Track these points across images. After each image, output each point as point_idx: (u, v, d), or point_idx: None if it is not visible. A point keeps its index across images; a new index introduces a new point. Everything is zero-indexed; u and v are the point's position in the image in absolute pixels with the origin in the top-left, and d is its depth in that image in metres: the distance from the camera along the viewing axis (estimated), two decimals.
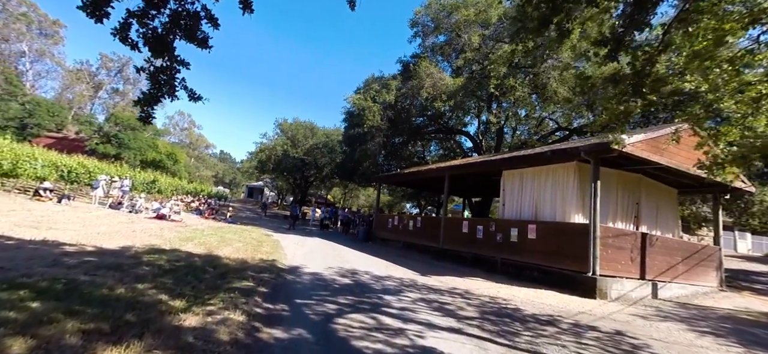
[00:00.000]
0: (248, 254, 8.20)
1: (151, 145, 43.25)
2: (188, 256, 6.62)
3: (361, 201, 48.86)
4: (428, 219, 15.42)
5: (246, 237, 11.98)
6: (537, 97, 22.57)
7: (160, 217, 13.54)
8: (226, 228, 14.29)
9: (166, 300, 3.73)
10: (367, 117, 16.54)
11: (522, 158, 10.92)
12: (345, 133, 21.48)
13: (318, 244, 13.83)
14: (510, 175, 11.57)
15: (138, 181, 20.29)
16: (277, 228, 20.15)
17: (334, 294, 5.63)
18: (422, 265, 11.37)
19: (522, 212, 10.98)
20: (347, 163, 25.75)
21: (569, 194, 9.52)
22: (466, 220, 12.57)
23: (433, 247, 14.00)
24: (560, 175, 9.88)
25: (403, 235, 16.19)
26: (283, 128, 30.56)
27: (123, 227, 9.46)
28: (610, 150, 8.07)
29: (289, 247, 11.67)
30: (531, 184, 10.78)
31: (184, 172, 46.65)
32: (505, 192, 11.66)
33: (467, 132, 22.60)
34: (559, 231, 9.31)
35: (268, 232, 16.41)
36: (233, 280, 5.22)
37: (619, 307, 7.51)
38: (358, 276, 7.76)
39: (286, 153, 28.46)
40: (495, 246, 11.18)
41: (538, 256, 9.70)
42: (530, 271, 9.87)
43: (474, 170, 12.96)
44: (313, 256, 10.02)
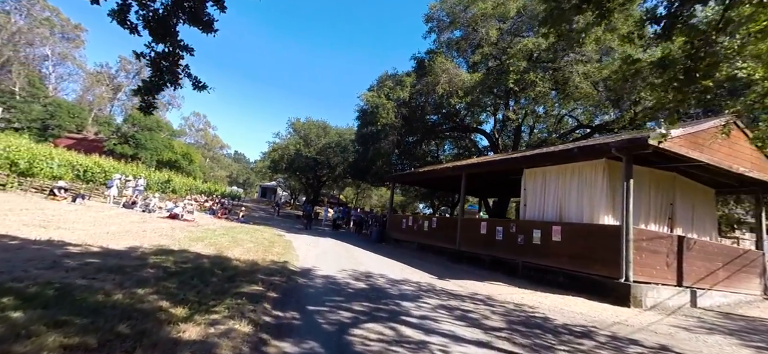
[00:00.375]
0: (259, 255, 7.88)
1: (167, 145, 43.90)
2: (197, 258, 6.34)
3: (374, 201, 48.54)
4: (444, 219, 14.93)
5: (258, 237, 11.72)
6: (556, 94, 21.88)
7: (172, 216, 13.44)
8: (239, 228, 14.09)
9: (166, 307, 3.39)
10: (380, 115, 16.14)
11: (545, 156, 10.33)
12: (358, 132, 21.13)
13: (331, 245, 13.50)
14: (532, 174, 10.99)
15: (152, 181, 20.40)
16: (290, 228, 19.94)
17: (349, 300, 5.24)
18: (439, 267, 10.89)
19: (545, 213, 10.39)
20: (360, 163, 25.41)
21: (598, 194, 8.91)
22: (484, 221, 12.05)
23: (449, 249, 13.50)
24: (587, 173, 9.27)
25: (418, 236, 15.72)
26: (296, 127, 30.44)
27: (134, 227, 9.30)
28: (645, 146, 7.46)
29: (302, 248, 11.35)
30: (555, 183, 10.19)
31: (198, 172, 47.20)
32: (527, 191, 11.09)
33: (483, 130, 21.96)
34: (587, 233, 8.71)
35: (281, 232, 16.18)
36: (242, 284, 4.88)
37: (657, 317, 6.89)
38: (373, 279, 7.35)
39: (298, 152, 28.31)
40: (516, 248, 10.63)
41: (564, 259, 9.12)
42: (554, 276, 9.29)
43: (493, 169, 12.41)
44: (325, 258, 9.67)
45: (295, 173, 31.63)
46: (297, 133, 30.28)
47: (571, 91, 16.23)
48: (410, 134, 20.58)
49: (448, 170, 14.37)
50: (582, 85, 15.46)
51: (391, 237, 18.04)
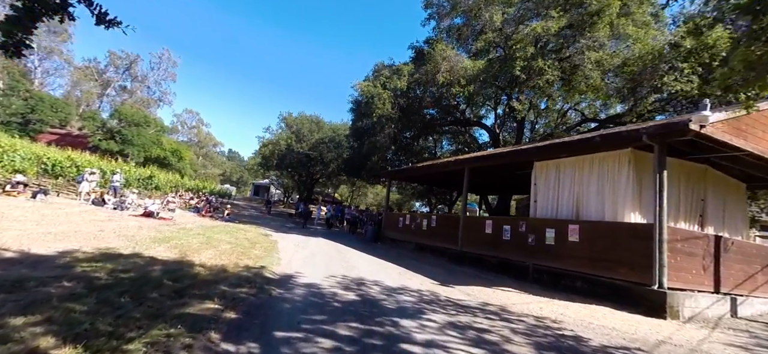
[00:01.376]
0: (232, 259, 6.72)
1: (156, 141, 42.39)
2: (147, 265, 5.15)
3: (370, 199, 47.37)
4: (445, 218, 13.82)
5: (239, 237, 10.54)
6: (560, 86, 20.85)
7: (147, 214, 12.22)
8: (221, 227, 12.89)
9: (43, 349, 2.22)
10: (376, 105, 14.97)
11: (560, 146, 9.23)
12: (352, 126, 19.95)
13: (321, 246, 12.34)
14: (543, 167, 9.90)
15: (132, 177, 19.11)
16: (280, 227, 18.74)
17: (334, 319, 4.10)
18: (440, 271, 9.78)
19: (559, 210, 9.31)
20: (355, 159, 24.23)
21: (622, 188, 7.83)
22: (489, 220, 10.96)
23: (450, 250, 12.40)
24: (610, 165, 8.19)
25: (416, 236, 14.61)
26: (288, 122, 29.07)
27: (90, 226, 8.09)
28: (684, 131, 6.39)
29: (287, 249, 10.19)
30: (571, 177, 9.10)
31: (189, 170, 45.72)
32: (538, 187, 10.00)
33: (484, 124, 20.90)
34: (611, 233, 7.64)
35: (268, 231, 14.99)
36: (191, 302, 3.72)
37: (702, 332, 5.83)
38: (366, 288, 6.21)
39: (290, 147, 26.95)
40: (526, 249, 9.55)
41: (582, 262, 8.05)
42: (571, 281, 8.22)
43: (499, 162, 11.32)
44: (313, 261, 8.51)
45: (286, 170, 30.27)
46: (289, 128, 28.93)
47: (580, 81, 15.19)
48: (407, 128, 19.44)
49: (450, 165, 13.26)
50: (592, 74, 14.40)
51: (387, 236, 16.91)
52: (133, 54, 65.62)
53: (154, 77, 70.59)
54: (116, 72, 67.12)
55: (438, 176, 15.87)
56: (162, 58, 69.29)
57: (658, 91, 10.70)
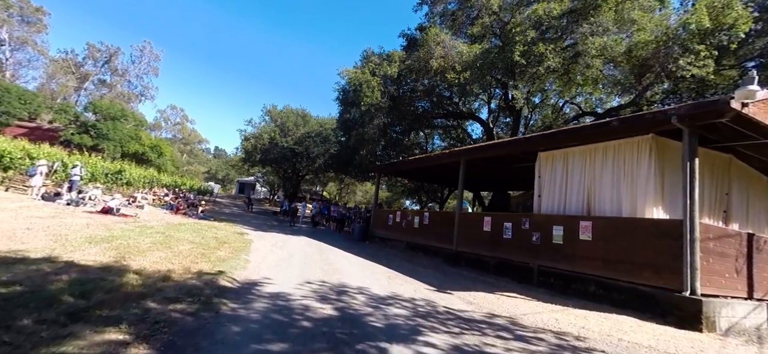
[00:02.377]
0: (185, 263, 5.51)
1: (134, 136, 40.42)
2: (55, 273, 3.93)
3: (358, 197, 46.15)
4: (438, 215, 12.78)
5: (206, 236, 9.29)
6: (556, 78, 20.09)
7: (105, 210, 10.84)
8: (190, 225, 11.59)
9: None
10: (364, 93, 13.79)
11: (569, 133, 8.24)
12: (340, 118, 18.75)
13: (302, 246, 11.16)
14: (549, 158, 8.92)
15: (99, 172, 17.55)
16: (261, 225, 17.46)
17: (297, 349, 2.96)
18: (435, 274, 8.71)
19: (567, 205, 8.34)
20: (342, 153, 23.03)
21: (642, 180, 6.87)
22: (488, 217, 9.95)
23: (444, 250, 11.36)
24: (627, 153, 7.23)
25: (407, 234, 13.54)
26: (272, 115, 27.50)
27: (18, 223, 6.75)
28: (723, 111, 5.43)
29: (262, 249, 8.99)
30: (581, 168, 8.13)
31: (170, 166, 43.79)
32: (543, 180, 9.02)
33: (479, 117, 19.92)
34: (630, 230, 6.67)
35: (246, 229, 13.72)
36: (81, 331, 2.55)
37: (752, 349, 4.88)
38: (348, 298, 5.08)
39: (273, 141, 25.44)
40: (530, 249, 8.56)
41: (596, 264, 7.08)
42: (584, 285, 7.25)
43: (498, 153, 10.31)
44: (289, 264, 7.34)
45: (270, 165, 28.78)
46: (273, 121, 27.42)
47: (580, 71, 14.34)
48: (398, 122, 18.32)
49: (444, 157, 12.20)
50: (594, 62, 13.53)
51: (375, 235, 15.80)
52: (114, 46, 62.98)
53: (135, 71, 68.00)
54: (95, 65, 64.37)
55: (431, 170, 14.82)
56: (144, 52, 66.72)
57: (670, 76, 9.84)
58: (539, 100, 22.55)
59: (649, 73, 10.69)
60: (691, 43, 9.12)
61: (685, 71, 9.11)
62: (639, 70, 11.01)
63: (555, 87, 19.63)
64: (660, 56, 9.75)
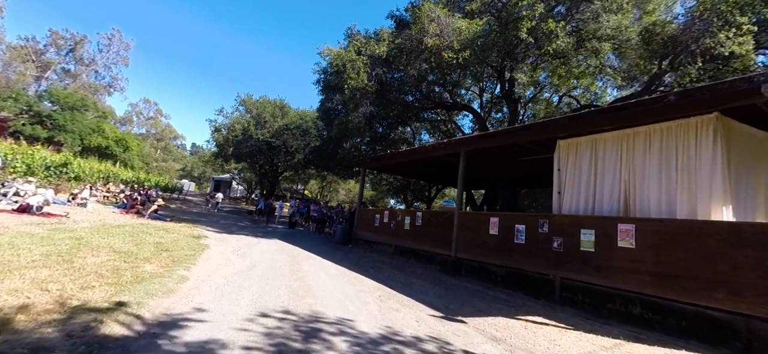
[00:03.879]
0: (71, 289, 3.60)
1: (96, 128, 37.17)
2: None
3: (341, 196, 44.12)
4: (434, 215, 11.10)
5: (144, 242, 7.29)
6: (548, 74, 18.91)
7: (22, 209, 8.66)
8: (132, 227, 9.50)
9: None
10: (349, 75, 11.92)
11: (604, 113, 6.65)
12: (320, 106, 16.82)
13: (272, 252, 9.26)
14: (572, 147, 7.37)
15: (37, 164, 15.04)
16: (230, 226, 15.39)
17: None
18: (435, 288, 7.01)
19: (597, 203, 6.80)
20: (324, 148, 21.11)
21: (704, 172, 5.36)
22: (495, 217, 8.35)
23: (441, 256, 9.71)
24: (680, 138, 5.73)
25: (396, 237, 11.82)
26: (247, 104, 25.03)
27: None
28: None
29: (216, 259, 7.07)
30: (615, 158, 6.60)
31: (137, 162, 40.62)
32: (564, 174, 7.47)
33: (473, 108, 18.38)
34: (695, 237, 5.15)
35: (208, 231, 11.69)
36: None
37: None
38: (322, 345, 3.29)
39: (247, 133, 23.06)
40: (549, 258, 7.00)
41: (643, 279, 5.55)
42: (625, 305, 5.71)
43: (504, 143, 8.71)
44: (244, 282, 5.47)
45: (245, 160, 26.39)
46: (248, 112, 25.00)
47: (588, 55, 13.01)
48: (385, 112, 16.53)
49: (441, 149, 10.52)
50: (604, 45, 12.19)
51: (360, 238, 14.02)
52: (80, 34, 58.65)
53: (103, 61, 63.62)
54: (58, 53, 59.85)
55: (423, 165, 13.16)
56: (112, 40, 62.50)
57: (705, 54, 8.49)
58: (531, 95, 21.31)
59: (676, 53, 9.33)
60: (732, 14, 7.83)
61: (723, 48, 7.80)
62: (662, 51, 9.66)
63: (552, 79, 18.38)
64: (695, 30, 8.40)
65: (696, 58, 8.50)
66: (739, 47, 7.83)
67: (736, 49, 7.87)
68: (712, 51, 8.09)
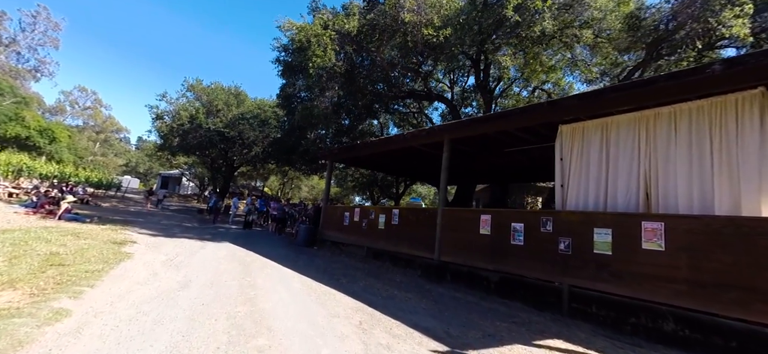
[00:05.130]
0: None
1: (15, 116, 32.10)
2: None
3: (304, 193, 41.86)
4: (414, 212, 9.83)
5: (24, 252, 5.32)
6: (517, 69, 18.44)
7: None
8: (25, 233, 7.32)
9: None
10: (314, 52, 10.25)
11: (620, 91, 5.62)
12: (281, 92, 14.93)
13: (217, 260, 7.50)
14: (577, 133, 6.39)
15: None
16: (171, 228, 13.19)
17: None
18: (423, 302, 5.71)
19: (610, 197, 5.84)
20: (285, 140, 19.16)
21: (749, 158, 4.51)
22: (487, 214, 7.23)
23: (422, 259, 8.46)
24: (715, 119, 4.85)
25: (369, 238, 10.43)
26: (196, 90, 22.10)
27: None
28: None
29: (136, 272, 5.28)
30: (632, 143, 5.66)
31: (67, 155, 35.74)
32: (568, 163, 6.47)
33: (446, 98, 17.37)
34: (744, 237, 4.25)
35: (139, 235, 9.59)
36: None
37: None
38: None
39: (195, 121, 20.28)
40: (554, 262, 5.96)
41: (676, 289, 4.62)
42: (654, 319, 4.76)
43: (498, 128, 7.61)
44: (162, 313, 3.81)
45: (193, 152, 23.50)
46: (197, 98, 22.10)
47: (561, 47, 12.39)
48: (353, 101, 15.02)
49: (422, 137, 9.25)
50: (584, 33, 11.57)
51: (326, 239, 12.47)
52: None
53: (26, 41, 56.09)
54: None
55: (399, 156, 11.87)
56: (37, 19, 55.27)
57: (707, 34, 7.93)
58: (501, 91, 20.78)
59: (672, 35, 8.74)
60: None
61: (726, 28, 7.27)
62: (654, 35, 9.08)
63: (525, 72, 17.89)
64: (696, 7, 7.80)
65: (694, 42, 7.95)
66: (739, 28, 7.34)
67: (737, 31, 7.37)
68: (713, 33, 7.57)
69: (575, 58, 15.93)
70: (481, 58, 15.59)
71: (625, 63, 12.52)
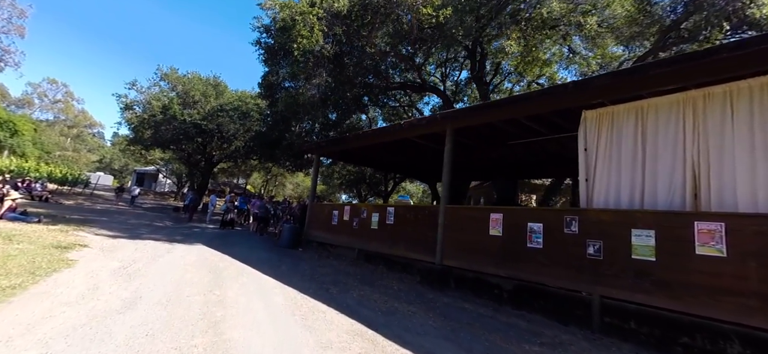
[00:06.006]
0: None
1: None
2: None
3: (288, 191, 40.39)
4: (412, 210, 8.84)
5: None
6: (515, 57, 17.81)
7: None
8: None
9: None
10: (300, 32, 9.09)
11: (671, 64, 4.73)
12: (263, 80, 13.66)
13: (182, 267, 6.35)
14: (604, 119, 5.55)
15: None
16: (136, 228, 11.85)
17: None
18: (432, 318, 4.74)
19: (647, 193, 5.01)
20: (268, 133, 17.89)
21: None
22: (498, 213, 6.33)
23: (421, 263, 7.51)
24: None
25: (360, 239, 9.42)
26: (171, 79, 20.40)
27: None
28: None
29: (70, 286, 4.14)
30: (675, 130, 4.84)
31: (31, 149, 33.30)
32: (593, 155, 5.62)
33: (439, 90, 16.47)
34: None
35: (92, 236, 8.30)
36: None
37: None
38: None
39: (168, 112, 18.58)
40: (582, 268, 5.11)
41: (746, 304, 3.85)
42: (714, 340, 3.96)
43: (510, 115, 6.71)
44: (84, 351, 2.70)
45: (168, 146, 21.79)
46: (172, 89, 20.35)
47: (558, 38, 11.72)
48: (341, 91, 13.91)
49: (421, 126, 8.27)
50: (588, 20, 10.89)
51: (312, 239, 11.40)
52: None
53: None
54: None
55: (393, 149, 10.90)
56: (1, 5, 51.86)
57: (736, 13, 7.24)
58: (492, 87, 20.07)
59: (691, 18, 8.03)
60: None
61: (758, 7, 6.61)
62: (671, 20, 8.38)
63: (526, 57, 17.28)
64: None
65: (721, 21, 7.25)
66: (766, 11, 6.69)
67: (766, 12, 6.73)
68: (743, 11, 6.89)
69: (573, 49, 15.35)
70: (478, 49, 14.80)
71: (621, 55, 11.92)
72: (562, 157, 10.01)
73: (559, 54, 17.43)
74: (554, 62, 18.10)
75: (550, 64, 17.96)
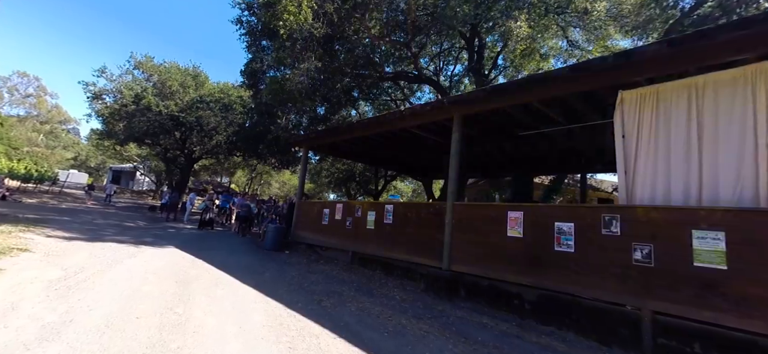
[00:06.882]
0: None
1: None
2: None
3: (274, 189, 38.93)
4: (415, 208, 7.88)
5: None
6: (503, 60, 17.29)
7: None
8: None
9: None
10: (286, 8, 7.99)
11: (740, 29, 3.89)
12: (246, 67, 12.40)
13: (143, 275, 5.24)
14: (647, 100, 4.71)
15: None
16: (102, 228, 10.56)
17: None
18: (449, 341, 3.79)
19: (706, 186, 4.19)
20: (252, 127, 16.69)
21: None
22: (517, 212, 5.45)
23: (426, 268, 6.58)
24: None
25: (354, 240, 8.42)
26: (145, 68, 18.74)
27: None
28: None
29: None
30: (742, 112, 4.02)
31: None
32: (633, 142, 4.78)
33: (435, 81, 15.58)
34: None
35: (40, 238, 7.07)
36: None
37: None
38: None
39: (141, 101, 16.95)
40: (626, 277, 4.28)
41: None
42: None
43: (532, 98, 5.83)
44: None
45: (143, 140, 20.16)
46: (147, 78, 18.67)
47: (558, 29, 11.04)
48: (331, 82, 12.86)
49: (425, 113, 7.33)
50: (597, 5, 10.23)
51: (300, 240, 10.35)
52: None
53: None
54: None
55: (387, 142, 9.94)
56: None
57: None
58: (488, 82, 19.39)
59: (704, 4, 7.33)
60: None
61: None
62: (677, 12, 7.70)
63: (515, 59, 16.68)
64: None
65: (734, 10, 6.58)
66: None
67: None
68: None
69: (572, 42, 14.76)
70: (476, 39, 13.99)
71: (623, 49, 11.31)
72: (572, 150, 9.27)
73: (557, 48, 16.89)
74: (552, 57, 17.57)
75: (548, 58, 17.42)
